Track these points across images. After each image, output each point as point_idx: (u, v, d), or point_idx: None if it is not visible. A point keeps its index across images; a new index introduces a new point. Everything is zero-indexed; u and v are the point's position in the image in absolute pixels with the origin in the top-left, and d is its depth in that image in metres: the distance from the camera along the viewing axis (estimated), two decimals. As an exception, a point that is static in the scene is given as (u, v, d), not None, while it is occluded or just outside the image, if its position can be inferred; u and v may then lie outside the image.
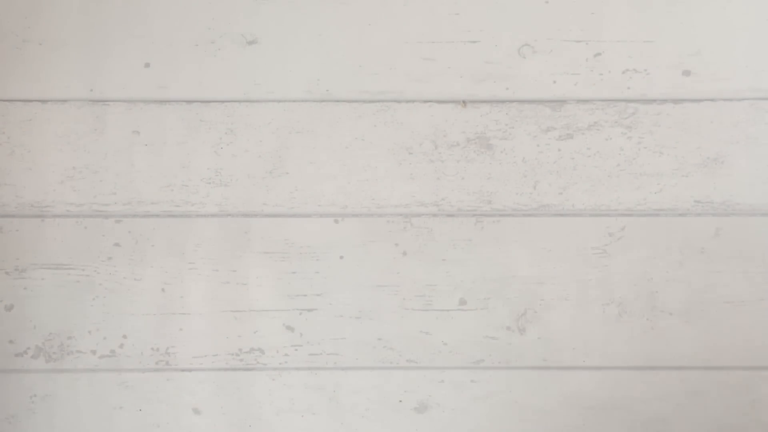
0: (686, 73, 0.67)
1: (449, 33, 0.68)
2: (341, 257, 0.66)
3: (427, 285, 0.66)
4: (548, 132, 0.67)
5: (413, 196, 0.66)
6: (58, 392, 0.66)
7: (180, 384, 0.66)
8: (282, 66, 0.68)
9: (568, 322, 0.66)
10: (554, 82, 0.67)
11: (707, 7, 0.68)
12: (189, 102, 0.67)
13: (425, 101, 0.67)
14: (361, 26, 0.68)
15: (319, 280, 0.66)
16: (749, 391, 0.64)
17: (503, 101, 0.67)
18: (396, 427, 0.67)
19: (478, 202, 0.66)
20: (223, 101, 0.67)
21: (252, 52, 0.68)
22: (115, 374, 0.66)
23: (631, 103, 0.67)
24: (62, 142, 0.68)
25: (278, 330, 0.66)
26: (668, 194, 0.66)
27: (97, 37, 0.68)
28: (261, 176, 0.67)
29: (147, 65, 0.68)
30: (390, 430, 0.66)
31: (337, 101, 0.67)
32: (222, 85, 0.67)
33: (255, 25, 0.68)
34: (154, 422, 0.65)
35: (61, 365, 0.66)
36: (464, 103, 0.67)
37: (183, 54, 0.68)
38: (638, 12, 0.68)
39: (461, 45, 0.68)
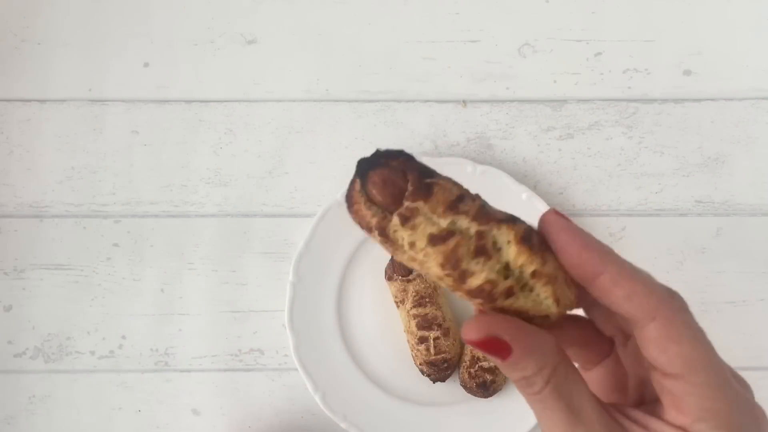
0: (687, 72, 0.67)
1: (449, 32, 0.68)
2: (341, 257, 0.65)
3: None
4: (549, 132, 0.67)
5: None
6: (56, 393, 0.65)
7: (179, 385, 0.65)
8: (281, 65, 0.67)
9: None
10: (555, 81, 0.67)
11: (708, 6, 0.68)
12: (188, 102, 0.67)
13: (425, 101, 0.67)
14: (360, 26, 0.68)
15: (318, 280, 0.65)
16: (750, 392, 0.64)
17: (503, 101, 0.67)
18: None
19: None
20: (222, 101, 0.67)
21: (251, 51, 0.68)
22: (114, 375, 0.65)
23: (632, 103, 0.67)
24: (61, 142, 0.67)
25: (278, 330, 0.65)
26: (669, 194, 0.66)
27: (96, 36, 0.68)
28: (260, 176, 0.67)
29: (146, 65, 0.67)
30: None
31: (337, 101, 0.67)
32: (221, 85, 0.67)
33: (254, 24, 0.68)
34: (154, 423, 0.64)
35: (60, 366, 0.66)
36: (464, 102, 0.67)
37: (182, 53, 0.67)
38: (639, 11, 0.68)
39: (461, 44, 0.67)
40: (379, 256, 0.63)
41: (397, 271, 0.59)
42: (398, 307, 0.61)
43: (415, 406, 0.62)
